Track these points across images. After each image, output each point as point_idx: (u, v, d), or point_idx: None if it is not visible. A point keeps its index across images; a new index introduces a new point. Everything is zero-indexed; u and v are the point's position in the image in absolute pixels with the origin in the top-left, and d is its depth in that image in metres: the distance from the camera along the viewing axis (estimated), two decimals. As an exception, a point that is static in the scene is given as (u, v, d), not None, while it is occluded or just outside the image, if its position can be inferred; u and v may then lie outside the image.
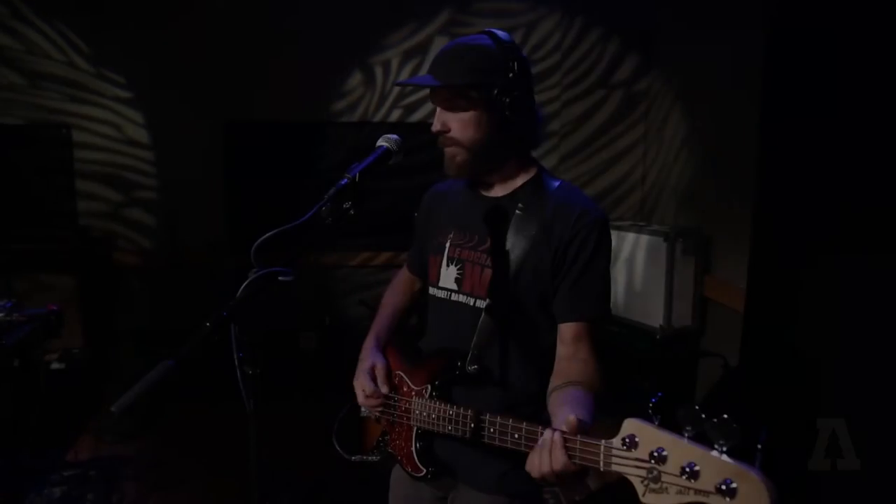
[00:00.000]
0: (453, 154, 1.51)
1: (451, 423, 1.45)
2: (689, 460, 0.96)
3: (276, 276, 1.03)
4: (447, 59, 1.46)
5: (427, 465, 1.55)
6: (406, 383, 1.61)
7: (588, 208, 1.49)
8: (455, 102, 1.46)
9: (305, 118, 4.79)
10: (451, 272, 1.58)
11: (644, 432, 1.02)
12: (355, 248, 4.92)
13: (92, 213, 4.70)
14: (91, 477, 3.35)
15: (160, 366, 0.88)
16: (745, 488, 0.90)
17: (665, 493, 0.98)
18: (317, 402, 4.38)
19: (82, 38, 4.55)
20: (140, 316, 4.73)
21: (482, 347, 1.49)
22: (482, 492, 1.56)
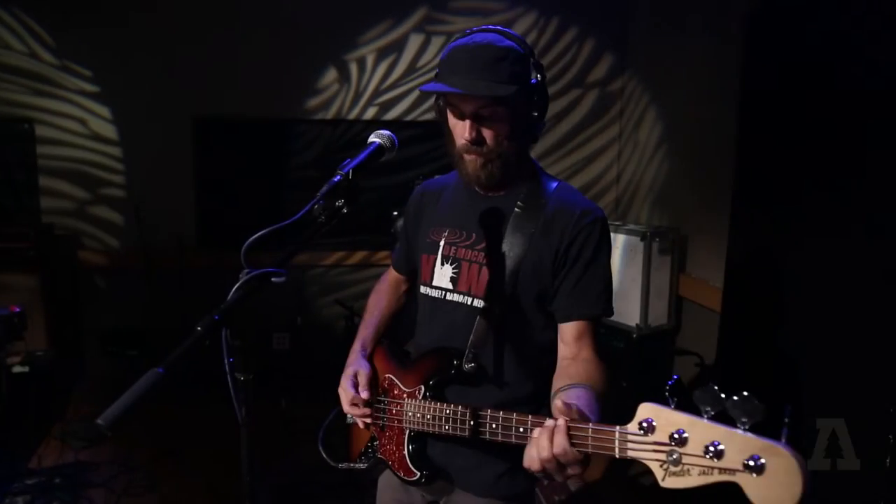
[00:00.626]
0: (483, 163, 1.44)
1: (448, 423, 1.41)
2: (713, 439, 0.94)
3: (269, 276, 0.98)
4: (487, 63, 1.36)
5: (421, 468, 1.51)
6: (397, 385, 1.58)
7: (589, 208, 1.49)
8: (494, 110, 1.39)
9: (278, 115, 4.71)
10: (447, 271, 1.55)
11: (661, 415, 1.00)
12: (329, 248, 4.85)
13: (56, 210, 4.56)
14: (56, 485, 3.23)
15: (149, 374, 0.83)
16: (775, 463, 0.89)
17: (687, 475, 0.96)
18: (291, 403, 4.34)
19: (46, 29, 4.39)
20: (107, 316, 4.60)
21: (479, 346, 1.47)
22: (477, 495, 1.54)
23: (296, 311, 4.73)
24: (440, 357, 1.52)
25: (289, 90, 4.68)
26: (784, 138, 2.85)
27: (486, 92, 1.35)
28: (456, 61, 1.39)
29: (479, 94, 1.35)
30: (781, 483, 0.88)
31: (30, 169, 4.49)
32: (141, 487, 3.27)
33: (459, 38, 1.45)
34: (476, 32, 1.45)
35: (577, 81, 4.90)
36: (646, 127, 4.60)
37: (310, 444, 3.68)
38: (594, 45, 4.86)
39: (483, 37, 1.41)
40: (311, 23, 4.59)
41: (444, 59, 1.44)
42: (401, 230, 1.80)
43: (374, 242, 4.78)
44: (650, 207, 4.56)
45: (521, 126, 1.44)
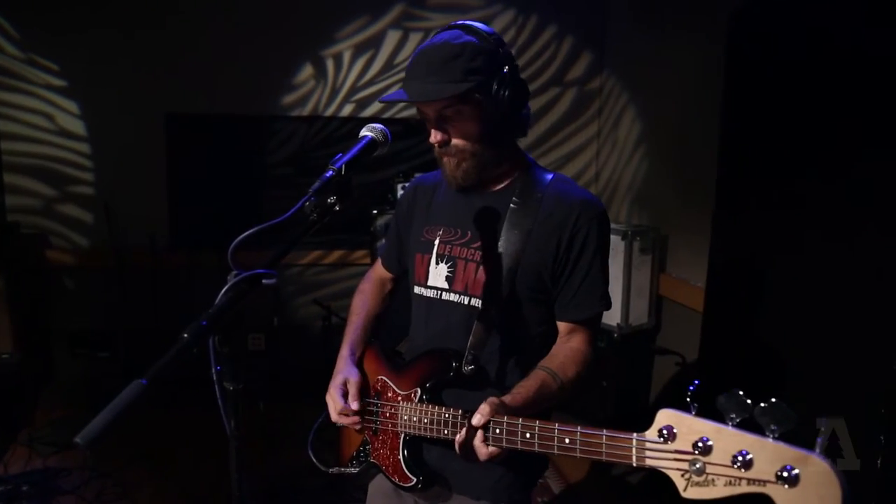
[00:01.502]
0: (456, 164, 1.42)
1: (447, 427, 1.36)
2: (741, 448, 0.90)
3: (260, 278, 0.92)
4: (438, 63, 1.33)
5: (418, 473, 1.47)
6: (391, 388, 1.52)
7: (587, 200, 1.46)
8: (451, 111, 1.36)
9: (253, 111, 4.61)
10: (441, 270, 1.51)
11: (683, 422, 0.96)
12: (306, 247, 4.77)
13: (21, 208, 4.41)
14: (24, 492, 3.11)
15: (132, 386, 0.77)
16: (809, 474, 0.85)
17: (711, 485, 0.92)
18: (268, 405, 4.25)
19: (10, 21, 4.24)
20: (76, 317, 4.47)
21: (478, 347, 1.43)
22: (475, 500, 1.50)
23: (271, 312, 4.64)
24: (437, 359, 1.47)
25: (264, 86, 4.59)
26: (766, 138, 2.86)
27: (434, 96, 1.32)
28: (414, 65, 1.37)
29: (425, 98, 1.34)
30: (818, 495, 0.84)
31: (-7, 165, 4.34)
32: (114, 494, 3.16)
33: (425, 41, 1.43)
34: (440, 32, 1.42)
35: (556, 80, 4.89)
36: (625, 126, 4.60)
37: (289, 448, 3.64)
38: (573, 43, 4.85)
39: (441, 36, 1.38)
40: (287, 18, 4.50)
41: (408, 64, 1.42)
42: (391, 227, 1.75)
43: (351, 241, 4.71)
44: (630, 206, 4.56)
45: (491, 121, 1.39)
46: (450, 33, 1.39)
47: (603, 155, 4.96)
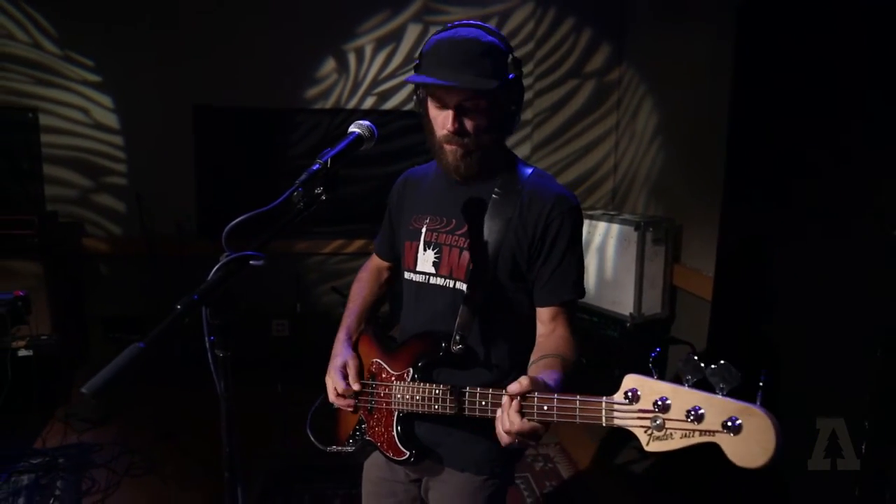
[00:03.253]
0: (463, 154, 1.50)
1: (437, 402, 1.47)
2: (694, 404, 1.02)
3: (247, 260, 1.04)
4: (472, 57, 1.41)
5: (410, 447, 1.57)
6: (385, 369, 1.63)
7: (563, 195, 1.55)
8: (476, 103, 1.45)
9: (277, 104, 4.76)
10: (429, 256, 1.60)
11: (645, 385, 1.08)
12: (328, 236, 4.92)
13: (60, 198, 4.63)
14: (60, 465, 3.32)
15: (130, 348, 0.89)
16: (750, 423, 0.97)
17: (670, 438, 1.04)
18: (289, 388, 4.41)
19: (48, 19, 4.45)
20: (109, 302, 4.68)
21: (465, 328, 1.52)
22: (461, 471, 1.61)
23: (295, 298, 4.79)
24: (427, 340, 1.57)
25: (288, 80, 4.73)
26: (774, 129, 2.89)
27: (472, 85, 1.40)
28: (441, 54, 1.43)
29: (467, 87, 1.40)
30: (757, 441, 0.96)
31: (34, 157, 4.56)
32: (141, 468, 3.35)
33: (442, 32, 1.49)
34: (459, 27, 1.49)
35: (574, 72, 4.94)
36: (642, 117, 4.64)
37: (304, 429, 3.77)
38: (591, 35, 4.89)
39: (468, 31, 1.45)
40: (311, 13, 4.63)
41: (427, 51, 1.48)
42: (385, 217, 1.85)
43: (372, 231, 4.82)
44: (646, 198, 4.60)
45: (499, 119, 1.50)
46: (475, 31, 1.46)
47: (622, 146, 5.00)
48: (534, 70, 4.89)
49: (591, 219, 4.26)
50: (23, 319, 3.05)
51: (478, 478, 1.60)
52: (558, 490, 3.31)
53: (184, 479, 3.25)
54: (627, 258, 3.98)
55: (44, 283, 4.12)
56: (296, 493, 3.18)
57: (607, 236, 4.13)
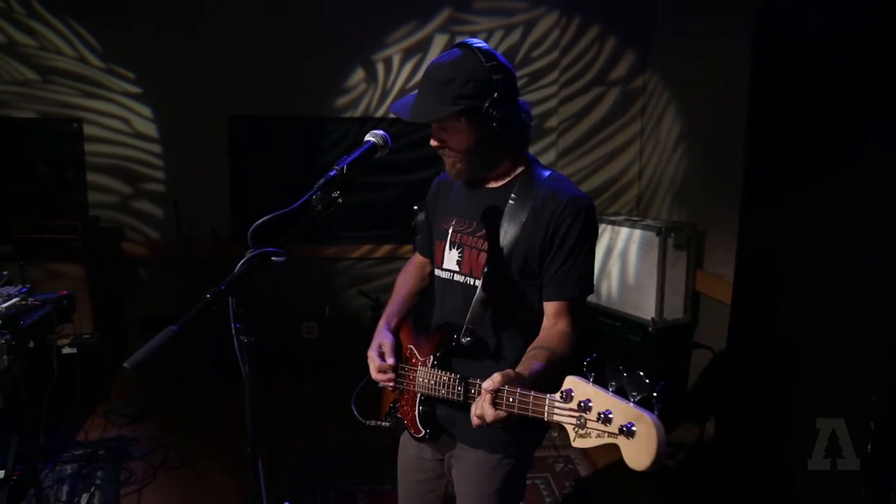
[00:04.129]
0: (452, 162, 1.65)
1: (444, 388, 1.63)
2: (607, 408, 1.15)
3: (269, 255, 1.15)
4: (433, 86, 1.54)
5: (425, 426, 1.74)
6: (415, 355, 1.80)
7: (575, 196, 1.63)
8: (447, 123, 1.58)
9: (308, 113, 4.91)
10: (454, 255, 1.75)
11: (578, 387, 1.21)
12: (356, 241, 5.05)
13: (101, 204, 4.85)
14: (100, 456, 3.50)
15: (165, 331, 1.01)
16: (641, 428, 1.10)
17: (588, 437, 1.18)
18: (317, 388, 4.56)
19: (93, 34, 4.68)
20: (147, 304, 4.87)
21: (476, 322, 1.65)
22: (475, 449, 1.74)
23: (324, 302, 4.94)
24: (444, 331, 1.73)
25: (319, 89, 4.88)
26: (792, 136, 2.92)
27: (421, 118, 1.55)
28: (421, 80, 1.60)
29: (414, 119, 1.55)
30: (643, 446, 1.09)
31: (78, 165, 4.79)
32: (176, 462, 3.51)
33: (437, 56, 1.63)
34: (448, 50, 1.62)
35: (599, 79, 5.00)
36: (666, 124, 4.68)
37: (333, 427, 3.91)
38: (616, 42, 4.96)
39: (444, 56, 1.58)
40: (341, 25, 4.78)
41: None
42: (424, 218, 2.01)
43: (399, 237, 4.96)
44: (670, 204, 4.64)
45: (481, 134, 1.58)
46: (452, 54, 1.57)
47: (646, 153, 5.05)
48: (559, 78, 4.97)
49: (614, 224, 4.31)
50: (68, 318, 3.21)
51: (493, 456, 1.72)
52: (577, 491, 3.37)
53: (216, 473, 3.39)
54: (649, 263, 4.03)
55: (86, 285, 4.32)
56: (321, 489, 3.29)
57: (629, 242, 4.18)
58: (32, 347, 2.78)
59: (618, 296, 4.27)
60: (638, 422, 1.10)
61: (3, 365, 2.57)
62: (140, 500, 3.17)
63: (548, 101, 5.01)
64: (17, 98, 4.67)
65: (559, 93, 4.99)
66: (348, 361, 4.71)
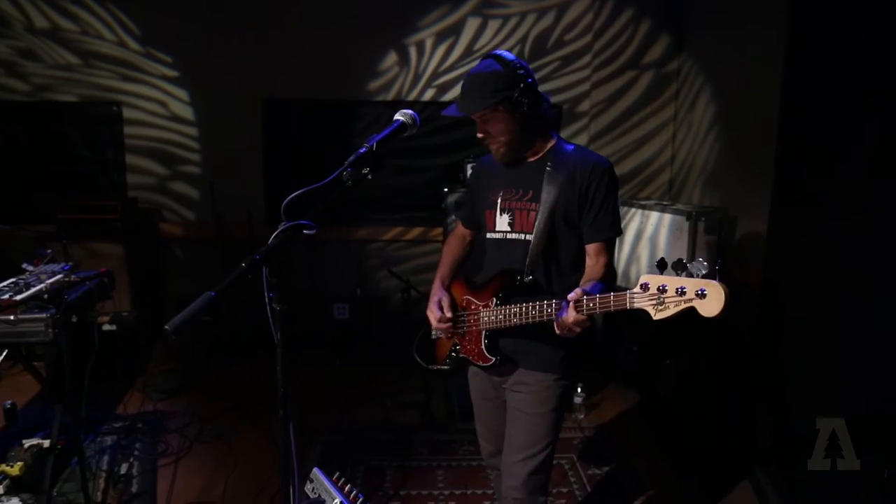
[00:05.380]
0: (497, 148, 2.03)
1: (516, 317, 1.97)
2: (681, 285, 1.54)
3: (301, 228, 1.20)
4: (472, 88, 1.94)
5: (495, 354, 2.08)
6: (473, 302, 2.17)
7: (599, 161, 2.03)
8: (488, 116, 1.96)
9: (341, 96, 4.96)
10: (504, 219, 2.11)
11: (653, 279, 1.59)
12: (388, 223, 5.10)
13: (140, 185, 4.98)
14: (139, 429, 3.62)
15: (203, 296, 1.06)
16: (711, 290, 1.49)
17: (668, 308, 1.56)
18: (347, 368, 4.64)
19: (132, 19, 4.78)
20: (183, 283, 5.00)
21: (533, 265, 2.03)
22: (536, 371, 2.08)
23: (355, 284, 5.01)
24: (506, 276, 2.08)
25: (352, 73, 4.93)
26: (826, 122, 2.87)
27: (468, 111, 1.94)
28: (462, 87, 1.99)
29: (464, 113, 1.95)
30: (715, 300, 1.48)
31: (117, 148, 4.93)
32: (211, 436, 3.61)
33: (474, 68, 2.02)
34: (481, 61, 2.00)
35: (633, 63, 4.95)
36: (700, 108, 4.63)
37: (363, 406, 3.99)
38: (650, 26, 4.90)
39: (477, 68, 1.97)
40: (373, 8, 4.82)
41: None
42: (467, 195, 2.42)
43: (430, 219, 4.98)
44: (702, 189, 4.59)
45: (516, 119, 1.96)
46: (484, 63, 1.97)
47: (679, 137, 4.99)
48: (591, 62, 4.94)
49: (644, 209, 4.29)
50: (108, 295, 3.31)
51: (550, 376, 2.07)
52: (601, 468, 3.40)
53: (250, 447, 3.49)
54: (679, 248, 4.00)
55: (125, 264, 4.46)
56: (350, 465, 3.36)
57: (659, 226, 4.16)
58: (75, 322, 2.88)
59: (647, 281, 4.25)
60: (708, 287, 1.48)
61: (48, 338, 2.67)
62: (176, 471, 3.27)
63: (580, 85, 4.98)
64: (59, 82, 4.80)
65: (592, 76, 4.95)
66: (379, 342, 4.86)
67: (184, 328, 1.02)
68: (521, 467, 2.10)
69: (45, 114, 4.83)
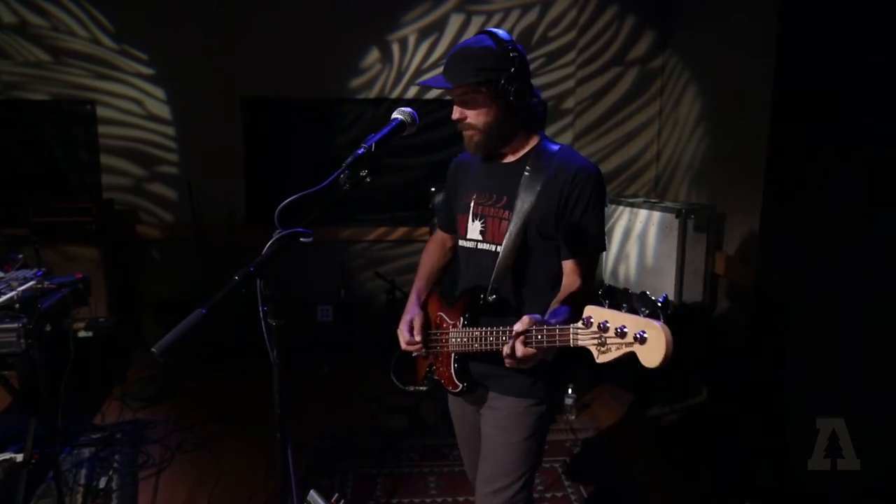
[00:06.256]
0: (471, 136, 1.78)
1: (477, 342, 1.77)
2: (622, 324, 1.32)
3: (297, 236, 1.12)
4: (458, 62, 1.71)
5: (463, 381, 1.89)
6: (445, 320, 1.95)
7: (583, 166, 1.78)
8: (468, 97, 1.73)
9: (323, 94, 4.86)
10: (476, 226, 1.88)
11: (596, 312, 1.38)
12: (372, 223, 5.01)
13: (115, 186, 4.83)
14: (118, 439, 3.49)
15: (194, 314, 0.97)
16: (652, 334, 1.27)
17: (609, 351, 1.35)
18: (333, 372, 4.54)
19: (106, 15, 4.63)
20: (161, 287, 4.86)
21: (499, 282, 1.80)
22: (509, 396, 1.88)
23: (339, 285, 4.92)
24: (471, 293, 1.87)
25: (333, 70, 4.83)
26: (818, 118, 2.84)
27: (448, 84, 1.70)
28: (447, 60, 1.75)
29: (442, 86, 1.72)
30: (654, 347, 1.26)
31: (92, 148, 4.78)
32: (193, 445, 3.49)
33: (461, 42, 1.79)
34: (473, 36, 1.77)
35: (617, 59, 4.92)
36: (685, 105, 4.60)
37: (349, 410, 3.89)
38: (634, 22, 4.87)
39: (467, 41, 1.75)
40: (355, 4, 4.72)
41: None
42: (444, 196, 2.12)
43: (415, 219, 4.91)
44: (689, 185, 4.56)
45: (498, 107, 1.73)
46: (476, 38, 1.75)
47: (664, 134, 4.97)
48: (576, 58, 4.89)
49: (633, 206, 4.25)
50: (84, 301, 3.19)
51: (524, 401, 1.86)
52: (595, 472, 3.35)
53: (234, 456, 3.38)
54: (668, 246, 3.96)
55: (101, 268, 4.32)
56: (340, 472, 3.27)
57: (648, 224, 4.12)
58: (49, 331, 2.76)
59: (636, 278, 4.21)
60: (648, 328, 1.27)
61: (20, 349, 2.55)
62: (158, 483, 3.15)
63: (565, 82, 4.93)
64: (29, 80, 4.64)
65: (576, 73, 4.90)
66: (363, 344, 4.77)
67: (173, 349, 0.93)
68: (491, 500, 1.89)
69: (15, 113, 4.67)
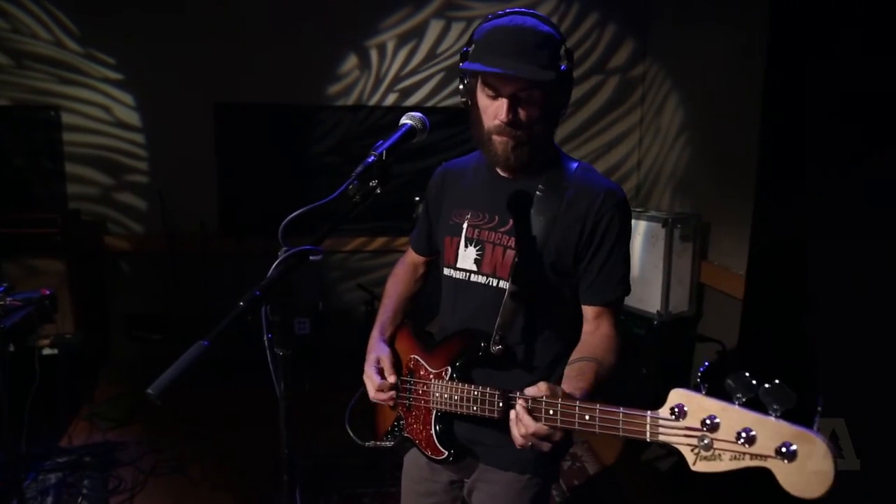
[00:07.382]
0: (515, 144, 1.43)
1: (476, 404, 1.42)
2: (745, 426, 0.96)
3: (307, 254, 1.01)
4: (530, 47, 1.36)
5: (449, 447, 1.53)
6: (423, 366, 1.59)
7: (611, 189, 1.50)
8: (531, 94, 1.39)
9: (299, 101, 4.73)
10: (470, 253, 1.55)
11: (693, 401, 1.03)
12: (350, 234, 4.88)
13: (82, 196, 4.62)
14: (86, 463, 3.31)
15: (195, 346, 0.86)
16: (806, 450, 0.91)
17: (718, 459, 0.99)
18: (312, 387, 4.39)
19: (70, 17, 4.44)
20: (132, 300, 4.67)
21: (506, 328, 1.47)
22: (504, 470, 1.56)
23: (317, 297, 4.78)
24: (467, 338, 1.52)
25: (310, 76, 4.70)
26: (809, 125, 2.82)
27: (531, 76, 1.35)
28: (498, 42, 1.38)
29: (526, 77, 1.35)
30: (813, 470, 0.90)
31: (56, 156, 4.56)
32: (168, 468, 3.33)
33: (496, 19, 1.44)
34: (513, 15, 1.44)
35: (598, 67, 4.88)
36: (667, 113, 4.57)
37: (332, 427, 3.73)
38: (615, 30, 4.84)
39: (524, 20, 1.41)
40: (332, 9, 4.60)
41: (480, 38, 1.42)
42: (421, 212, 1.79)
43: (394, 228, 4.80)
44: (672, 194, 4.54)
45: (552, 111, 1.47)
46: (531, 20, 1.42)
47: (645, 143, 4.94)
48: (557, 65, 4.84)
49: (618, 216, 4.20)
50: (50, 318, 3.03)
51: (522, 477, 1.56)
52: (586, 487, 3.27)
53: (211, 479, 3.23)
54: (655, 255, 3.92)
55: (67, 281, 4.11)
56: (324, 492, 3.15)
57: (634, 233, 4.07)
58: (13, 351, 2.59)
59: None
60: (800, 441, 0.92)
61: (-19, 370, 2.39)
62: (130, 509, 3.00)
63: (546, 90, 4.87)
64: (-11, 84, 4.42)
65: (557, 81, 4.85)
66: (342, 359, 4.62)
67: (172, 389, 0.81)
68: None
69: (-28, 119, 4.44)
